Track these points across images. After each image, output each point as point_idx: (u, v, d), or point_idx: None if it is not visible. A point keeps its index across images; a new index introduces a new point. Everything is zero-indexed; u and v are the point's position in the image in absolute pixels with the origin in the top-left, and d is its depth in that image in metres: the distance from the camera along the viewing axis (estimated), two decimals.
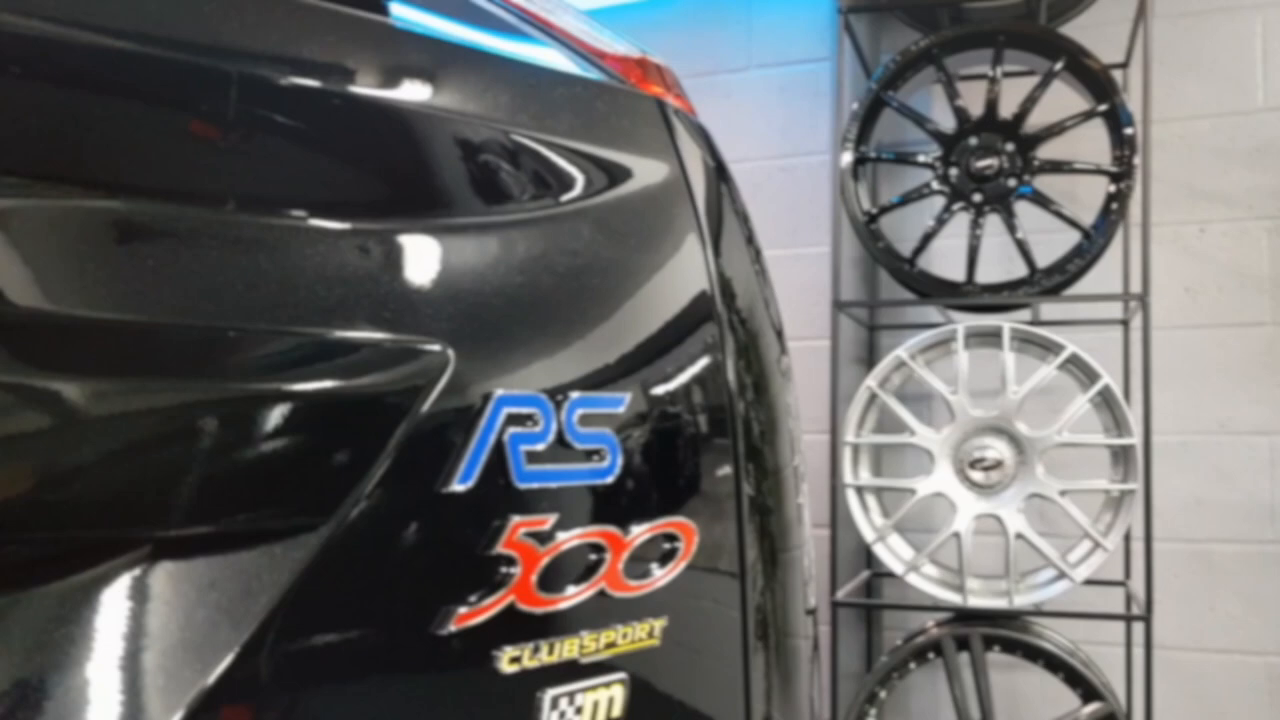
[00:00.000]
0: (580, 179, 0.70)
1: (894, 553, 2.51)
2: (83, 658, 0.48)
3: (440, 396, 0.57)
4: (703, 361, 0.74)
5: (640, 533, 0.67)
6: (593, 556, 0.64)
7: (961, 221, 2.61)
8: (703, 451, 0.73)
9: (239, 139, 0.55)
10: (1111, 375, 2.32)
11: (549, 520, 0.61)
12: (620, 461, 0.65)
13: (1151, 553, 2.38)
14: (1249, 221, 2.77)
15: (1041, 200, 2.49)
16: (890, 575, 2.72)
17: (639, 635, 0.67)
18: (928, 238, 2.59)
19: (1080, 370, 2.38)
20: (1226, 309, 2.80)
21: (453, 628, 0.57)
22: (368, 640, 0.56)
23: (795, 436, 0.87)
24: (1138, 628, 2.71)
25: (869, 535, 2.49)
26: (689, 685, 0.72)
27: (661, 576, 0.68)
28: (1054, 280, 2.46)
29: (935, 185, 2.56)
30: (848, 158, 2.55)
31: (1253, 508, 2.76)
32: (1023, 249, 2.50)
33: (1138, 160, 2.39)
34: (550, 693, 0.62)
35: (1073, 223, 2.46)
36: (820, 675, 0.92)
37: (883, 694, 2.58)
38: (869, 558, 2.91)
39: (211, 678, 0.50)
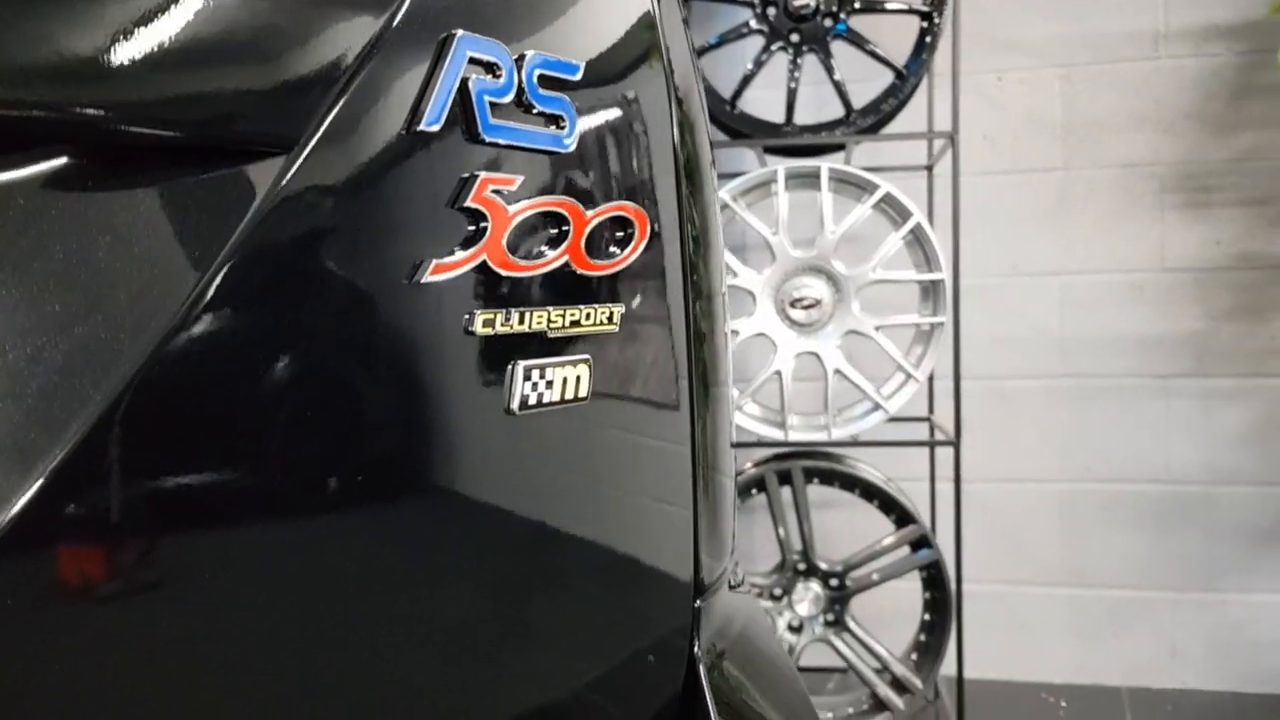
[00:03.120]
0: None
1: None
2: (37, 262, 0.44)
3: (402, 24, 0.55)
4: (653, 97, 0.73)
5: (599, 211, 0.65)
6: (555, 229, 0.63)
7: (777, 71, 2.62)
8: (653, 157, 0.72)
9: None
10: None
11: (515, 180, 0.59)
12: (578, 132, 0.64)
13: (960, 383, 2.49)
14: (1043, 70, 2.89)
15: (857, 40, 2.52)
16: None
17: (600, 319, 0.66)
18: (747, 79, 2.59)
19: (893, 209, 2.44)
20: (1021, 155, 2.93)
21: (428, 278, 0.56)
22: (339, 280, 0.53)
23: (723, 261, 0.87)
24: (942, 464, 2.85)
25: None
26: (642, 381, 0.70)
27: (621, 259, 0.67)
28: (869, 120, 2.51)
29: (754, 24, 2.55)
30: None
31: (1044, 344, 2.93)
32: (840, 90, 2.54)
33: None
34: (522, 364, 0.61)
35: (886, 62, 2.50)
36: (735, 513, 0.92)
37: None
38: None
39: (184, 299, 0.47)
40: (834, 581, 2.58)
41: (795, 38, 2.55)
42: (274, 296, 0.51)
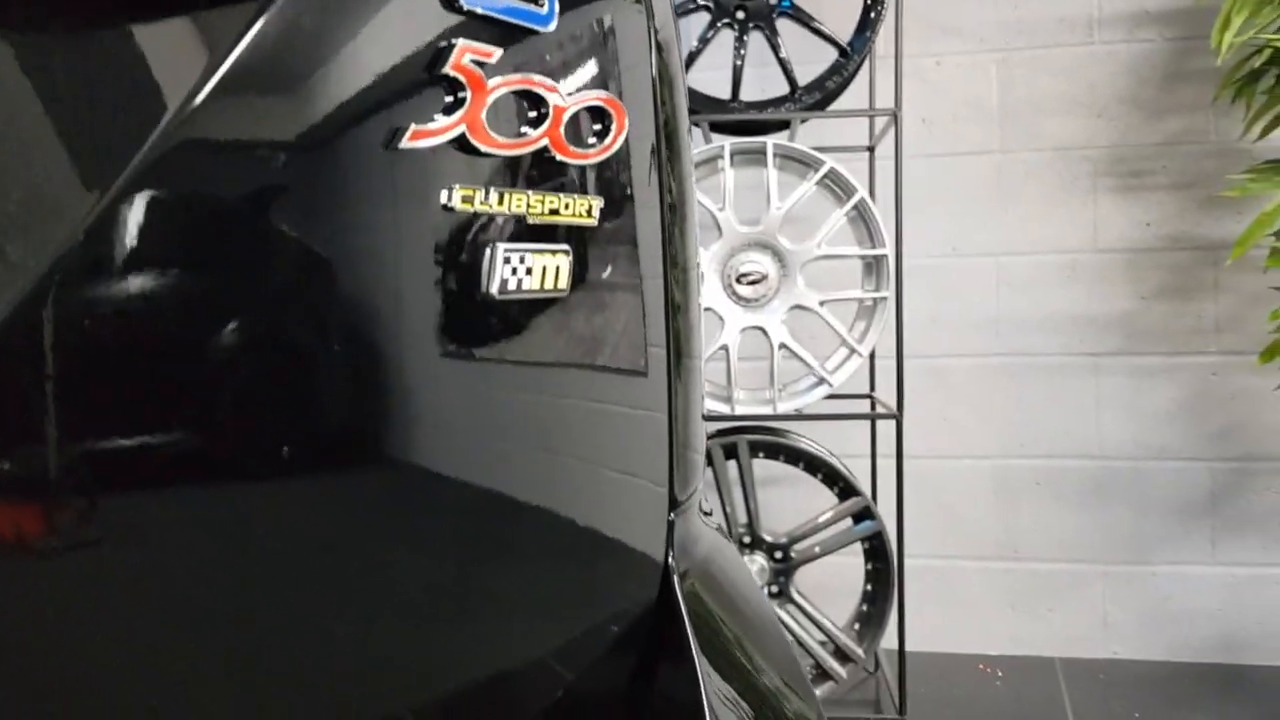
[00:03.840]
0: None
1: None
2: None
3: None
4: (633, 23, 0.73)
5: (578, 98, 0.66)
6: (535, 111, 0.63)
7: (722, 54, 2.65)
8: (632, 59, 0.72)
9: None
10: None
11: (494, 53, 0.59)
12: (558, 13, 0.64)
13: (903, 357, 2.52)
14: (980, 54, 2.95)
15: (801, 17, 2.56)
16: None
17: (579, 210, 0.66)
18: (693, 57, 2.61)
19: (837, 185, 2.48)
20: (959, 138, 2.98)
21: (406, 143, 0.55)
22: (315, 140, 0.52)
23: (696, 234, 0.88)
24: (882, 442, 2.90)
25: None
26: (620, 282, 0.71)
27: (600, 150, 0.68)
28: (814, 97, 2.54)
29: (700, 0, 2.58)
30: None
31: (980, 323, 2.99)
32: (785, 68, 2.57)
33: None
34: (502, 246, 0.61)
35: (831, 39, 2.54)
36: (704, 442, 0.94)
37: None
38: None
39: (139, 152, 0.46)
40: (778, 554, 2.62)
41: (740, 15, 2.58)
42: (243, 154, 0.49)
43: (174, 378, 0.48)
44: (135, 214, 0.45)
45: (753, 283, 2.51)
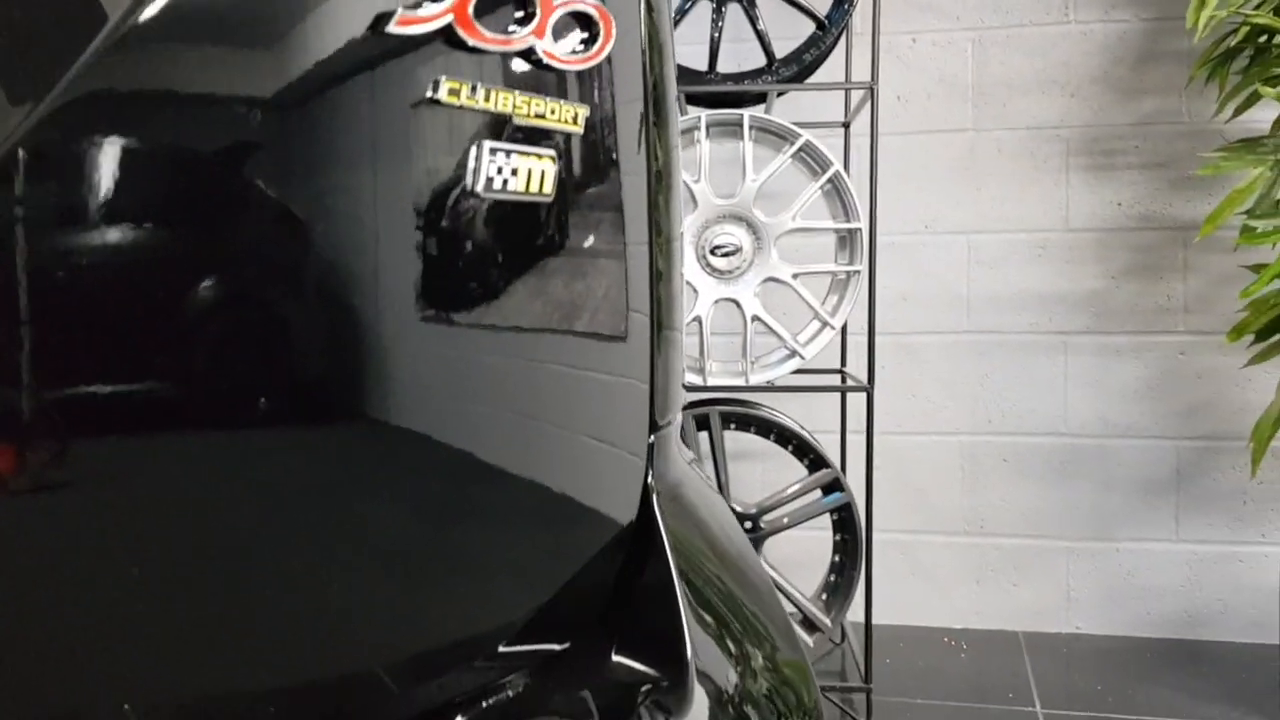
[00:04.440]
0: None
1: None
2: None
3: None
4: None
5: (566, 1, 0.64)
6: (523, 11, 0.63)
7: (699, 25, 2.65)
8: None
9: None
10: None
11: None
12: None
13: (874, 331, 2.53)
14: (956, 32, 2.96)
15: None
16: None
17: (565, 116, 0.66)
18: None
19: (812, 159, 2.48)
20: (933, 116, 3.00)
21: (394, 28, 0.55)
22: (300, 24, 0.52)
23: (681, 205, 0.88)
24: (853, 418, 2.92)
25: None
26: (604, 189, 0.71)
27: (587, 57, 0.67)
28: (791, 70, 2.54)
29: None
30: None
31: (950, 301, 3.01)
32: (763, 41, 2.57)
33: None
34: (488, 144, 0.61)
35: (808, 12, 2.54)
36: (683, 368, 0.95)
37: None
38: None
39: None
40: (748, 524, 2.63)
41: None
42: (217, 31, 0.49)
43: (124, 284, 0.47)
44: (92, 107, 0.44)
45: (727, 255, 2.52)
